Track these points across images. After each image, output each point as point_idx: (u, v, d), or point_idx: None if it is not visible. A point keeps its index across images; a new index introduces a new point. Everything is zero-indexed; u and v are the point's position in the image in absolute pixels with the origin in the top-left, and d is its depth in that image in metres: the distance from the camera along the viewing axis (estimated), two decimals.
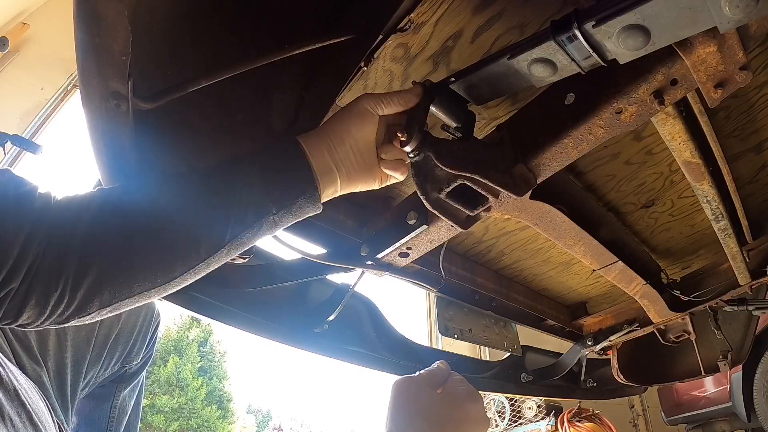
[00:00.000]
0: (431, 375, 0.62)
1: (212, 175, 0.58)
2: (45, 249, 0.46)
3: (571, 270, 1.54)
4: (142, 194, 0.55)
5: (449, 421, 0.56)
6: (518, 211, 0.91)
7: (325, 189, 0.62)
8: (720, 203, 1.00)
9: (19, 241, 0.45)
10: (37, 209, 0.48)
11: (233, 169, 0.59)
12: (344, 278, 1.17)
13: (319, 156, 0.60)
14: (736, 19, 0.45)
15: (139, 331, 1.11)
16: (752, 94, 0.93)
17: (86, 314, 0.51)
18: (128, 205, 0.53)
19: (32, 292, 0.46)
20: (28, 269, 0.45)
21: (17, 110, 2.70)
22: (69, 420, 0.95)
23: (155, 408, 11.17)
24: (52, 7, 2.64)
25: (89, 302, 0.49)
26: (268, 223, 0.58)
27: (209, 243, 0.55)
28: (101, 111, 0.53)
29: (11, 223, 0.45)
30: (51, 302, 0.48)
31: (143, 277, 0.52)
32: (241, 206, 0.56)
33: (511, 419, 3.46)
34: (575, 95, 0.69)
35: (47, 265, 0.46)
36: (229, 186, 0.57)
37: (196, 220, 0.55)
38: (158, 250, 0.52)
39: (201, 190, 0.57)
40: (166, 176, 0.61)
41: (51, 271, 0.46)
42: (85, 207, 0.50)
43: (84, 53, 0.47)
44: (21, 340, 0.88)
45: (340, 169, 0.62)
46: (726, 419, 3.46)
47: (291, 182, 0.59)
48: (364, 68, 0.81)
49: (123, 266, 0.50)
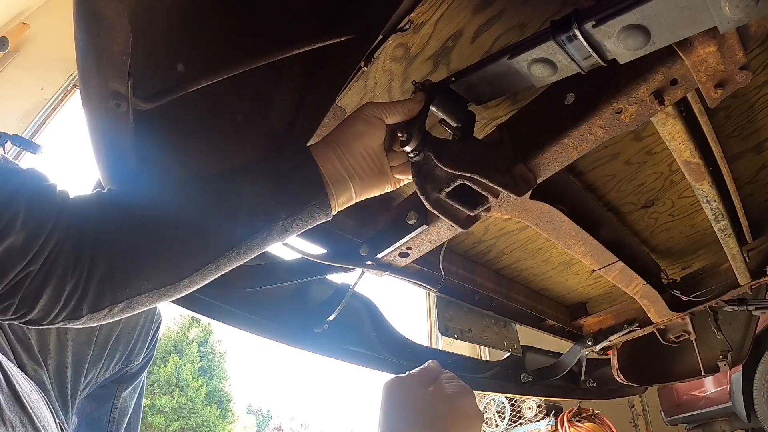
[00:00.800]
0: (422, 374, 0.62)
1: (222, 179, 0.59)
2: (64, 239, 0.48)
3: (571, 270, 1.54)
4: (153, 194, 0.56)
5: (442, 417, 0.55)
6: (518, 211, 0.91)
7: (338, 196, 0.62)
8: (720, 203, 1.00)
9: (46, 229, 0.47)
10: (59, 202, 0.50)
11: (242, 174, 0.59)
12: (344, 278, 1.17)
13: (329, 163, 0.61)
14: (736, 19, 0.45)
15: (140, 331, 1.11)
16: (752, 94, 0.93)
17: (99, 311, 0.51)
18: (139, 203, 0.54)
19: (50, 278, 0.48)
20: (48, 255, 0.47)
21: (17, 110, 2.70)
22: (70, 420, 0.95)
23: (155, 408, 11.17)
24: (52, 7, 2.63)
25: (101, 295, 0.50)
26: (277, 228, 0.58)
27: (218, 244, 0.55)
28: (101, 111, 0.53)
29: (38, 216, 0.48)
30: (66, 291, 0.49)
31: (153, 274, 0.52)
32: (251, 211, 0.57)
33: (511, 419, 3.46)
34: (575, 95, 0.69)
35: (65, 253, 0.48)
36: (238, 191, 0.57)
37: (205, 222, 0.55)
38: (167, 248, 0.53)
39: (210, 194, 0.57)
40: (175, 179, 0.62)
41: (68, 259, 0.48)
42: (97, 203, 0.52)
43: (84, 53, 0.47)
44: (21, 340, 0.88)
45: (353, 176, 0.63)
46: (726, 419, 3.47)
47: (301, 188, 0.59)
48: (364, 68, 0.81)
49: (132, 261, 0.51)
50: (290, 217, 0.58)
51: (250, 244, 0.57)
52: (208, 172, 0.79)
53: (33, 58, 2.67)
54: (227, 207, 0.56)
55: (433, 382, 0.61)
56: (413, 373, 0.62)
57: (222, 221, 0.56)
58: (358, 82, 0.87)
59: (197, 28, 0.69)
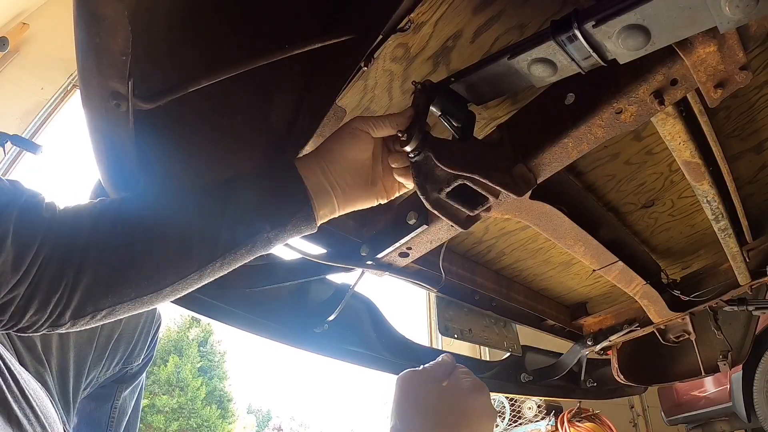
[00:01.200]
0: (436, 368, 0.61)
1: (207, 192, 0.60)
2: (51, 256, 0.49)
3: (571, 270, 1.54)
4: (139, 207, 0.57)
5: (456, 413, 0.55)
6: (518, 211, 0.91)
7: (320, 208, 0.63)
8: (720, 203, 1.00)
9: (33, 246, 0.48)
10: (46, 219, 0.50)
11: (228, 186, 0.60)
12: (344, 278, 1.17)
13: (313, 176, 0.62)
14: (736, 19, 0.45)
15: (140, 332, 1.12)
16: (752, 94, 0.93)
17: (81, 318, 0.52)
18: (125, 216, 0.55)
19: (35, 296, 0.48)
20: (36, 272, 0.48)
21: (17, 110, 2.70)
22: (71, 420, 0.95)
23: (155, 408, 11.17)
24: (52, 7, 2.64)
25: (84, 305, 0.51)
26: (262, 240, 0.59)
27: (201, 255, 0.56)
28: (101, 111, 0.53)
29: (26, 234, 0.48)
30: (51, 303, 0.49)
31: (136, 283, 0.53)
32: (235, 223, 0.58)
33: (511, 419, 3.46)
34: (575, 95, 0.69)
35: (51, 270, 0.49)
36: (223, 203, 0.58)
37: (189, 233, 0.56)
38: (151, 259, 0.54)
39: (195, 206, 0.58)
40: (163, 191, 0.64)
41: (54, 276, 0.49)
42: (86, 216, 0.53)
43: (84, 53, 0.47)
44: (24, 340, 0.88)
45: (335, 188, 0.64)
46: (726, 419, 3.47)
47: (286, 201, 0.60)
48: (364, 68, 0.81)
49: (118, 271, 0.52)
50: (275, 230, 0.59)
51: (233, 255, 0.58)
52: (208, 172, 0.79)
53: (33, 58, 2.67)
54: (212, 219, 0.57)
55: (448, 377, 0.59)
56: (427, 367, 0.61)
57: (206, 233, 0.57)
58: (358, 82, 0.87)
59: (197, 28, 0.69)
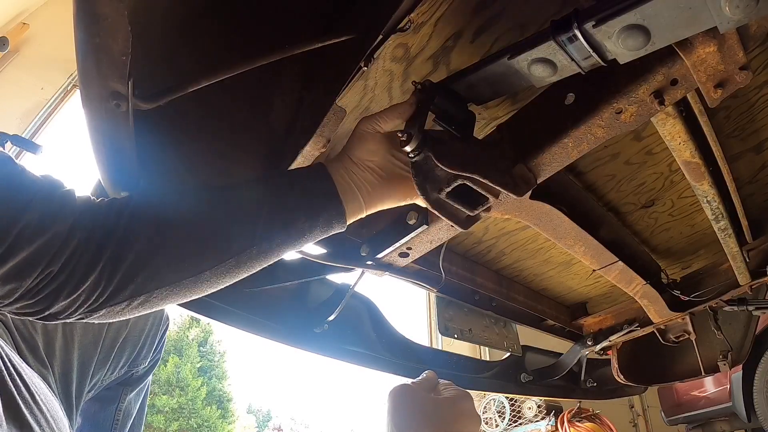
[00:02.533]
0: (423, 382, 0.67)
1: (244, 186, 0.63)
2: (88, 239, 0.51)
3: (571, 270, 1.54)
4: (175, 197, 0.60)
5: (446, 418, 0.60)
6: (518, 211, 0.91)
7: (348, 203, 0.66)
8: (720, 203, 1.00)
9: (64, 232, 0.49)
10: (81, 205, 0.53)
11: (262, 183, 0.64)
12: (344, 278, 1.17)
13: (338, 176, 0.66)
14: (736, 19, 0.45)
15: (147, 334, 1.10)
16: (752, 94, 0.93)
17: (117, 304, 0.53)
18: (165, 205, 0.58)
19: (72, 277, 0.50)
20: (69, 255, 0.49)
21: (17, 110, 2.70)
22: (74, 422, 0.95)
23: (155, 408, 11.16)
24: (52, 7, 2.63)
25: (122, 289, 0.53)
26: (296, 231, 0.62)
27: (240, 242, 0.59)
28: (101, 111, 0.53)
29: (58, 217, 0.50)
30: (86, 287, 0.51)
31: (174, 267, 0.55)
32: (271, 214, 0.61)
33: (511, 419, 3.46)
34: (575, 95, 0.69)
35: (89, 252, 0.50)
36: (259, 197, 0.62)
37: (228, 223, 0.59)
38: (189, 244, 0.56)
39: (231, 198, 0.61)
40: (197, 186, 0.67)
41: (91, 258, 0.50)
42: (125, 204, 0.55)
43: (84, 53, 0.47)
44: (27, 341, 0.87)
45: (361, 188, 0.67)
46: (726, 419, 3.47)
47: (317, 195, 0.64)
48: (364, 68, 0.81)
49: (157, 254, 0.54)
50: (308, 222, 0.62)
51: (269, 245, 0.60)
52: (208, 172, 0.79)
53: (33, 58, 2.67)
54: (251, 209, 0.60)
55: (434, 389, 0.66)
56: (415, 381, 0.67)
57: (245, 222, 0.60)
58: (358, 82, 0.87)
59: (197, 28, 0.69)
